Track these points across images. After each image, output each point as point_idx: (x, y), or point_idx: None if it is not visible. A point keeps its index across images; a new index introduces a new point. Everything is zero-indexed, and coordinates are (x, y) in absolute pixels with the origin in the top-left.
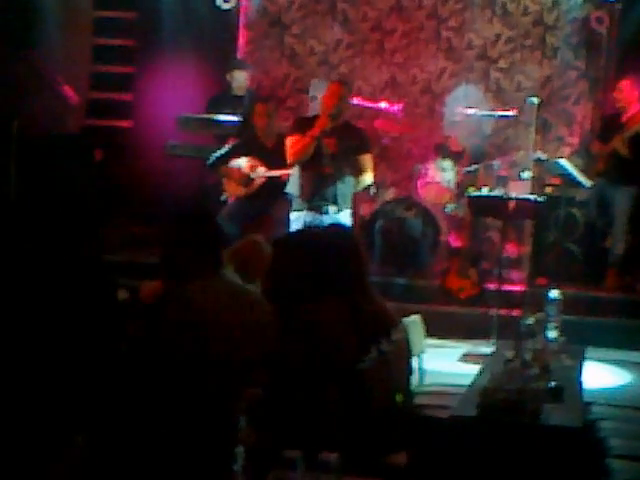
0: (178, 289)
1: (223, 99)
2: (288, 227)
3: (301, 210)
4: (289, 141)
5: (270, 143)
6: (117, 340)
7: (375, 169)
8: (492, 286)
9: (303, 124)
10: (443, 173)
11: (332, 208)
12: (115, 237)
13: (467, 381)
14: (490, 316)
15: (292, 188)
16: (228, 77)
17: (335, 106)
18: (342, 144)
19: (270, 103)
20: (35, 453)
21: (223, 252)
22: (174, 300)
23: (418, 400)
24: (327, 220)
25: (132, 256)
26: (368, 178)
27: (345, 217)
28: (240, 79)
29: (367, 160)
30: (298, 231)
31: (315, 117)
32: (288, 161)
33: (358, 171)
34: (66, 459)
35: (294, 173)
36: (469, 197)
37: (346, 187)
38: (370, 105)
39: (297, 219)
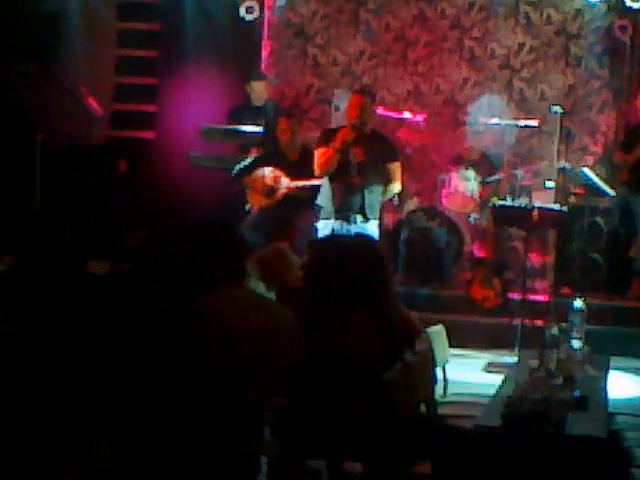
0: (201, 299)
1: (243, 110)
2: (314, 237)
3: (329, 219)
4: (316, 153)
5: (293, 156)
6: (141, 348)
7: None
8: (516, 296)
9: (329, 136)
10: (466, 183)
11: (359, 218)
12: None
13: (491, 391)
14: (514, 326)
15: (322, 199)
16: (247, 88)
17: (357, 117)
18: (369, 153)
19: (294, 118)
20: (53, 453)
21: (247, 260)
22: (197, 310)
23: (442, 410)
24: (354, 229)
25: None
26: (396, 186)
27: (372, 227)
28: (258, 90)
29: (395, 168)
30: (326, 239)
31: (341, 128)
32: (315, 173)
33: (387, 180)
34: (81, 461)
35: (324, 184)
36: (493, 207)
37: (374, 197)
38: (393, 115)
39: (324, 227)
